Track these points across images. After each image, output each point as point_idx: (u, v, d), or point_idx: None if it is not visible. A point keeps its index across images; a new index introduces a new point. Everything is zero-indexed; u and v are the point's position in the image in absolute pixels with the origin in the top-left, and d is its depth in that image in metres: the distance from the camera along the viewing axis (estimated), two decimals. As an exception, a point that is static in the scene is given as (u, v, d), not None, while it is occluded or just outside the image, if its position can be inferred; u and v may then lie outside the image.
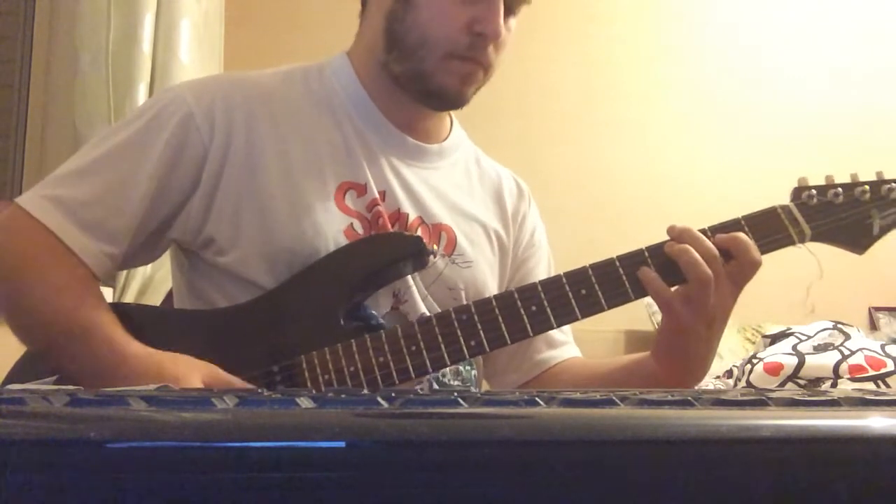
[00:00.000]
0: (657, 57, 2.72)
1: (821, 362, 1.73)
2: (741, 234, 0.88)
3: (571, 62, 2.64)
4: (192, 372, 0.82)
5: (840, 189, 0.92)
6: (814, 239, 0.91)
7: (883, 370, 1.68)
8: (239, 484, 0.33)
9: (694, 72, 2.72)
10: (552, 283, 0.89)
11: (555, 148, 2.57)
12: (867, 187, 0.92)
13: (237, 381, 0.84)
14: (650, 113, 2.68)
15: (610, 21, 2.71)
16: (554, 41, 2.65)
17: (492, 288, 1.06)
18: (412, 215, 1.00)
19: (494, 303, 0.88)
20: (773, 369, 1.77)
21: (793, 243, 0.91)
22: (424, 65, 0.96)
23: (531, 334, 0.88)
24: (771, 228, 0.90)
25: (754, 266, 0.87)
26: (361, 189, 0.98)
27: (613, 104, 2.67)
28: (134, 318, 0.93)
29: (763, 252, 0.89)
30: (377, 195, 0.98)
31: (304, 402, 0.36)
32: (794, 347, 1.83)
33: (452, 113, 1.11)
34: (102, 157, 0.93)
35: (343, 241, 0.94)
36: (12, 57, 2.24)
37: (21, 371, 0.96)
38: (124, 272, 1.96)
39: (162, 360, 0.83)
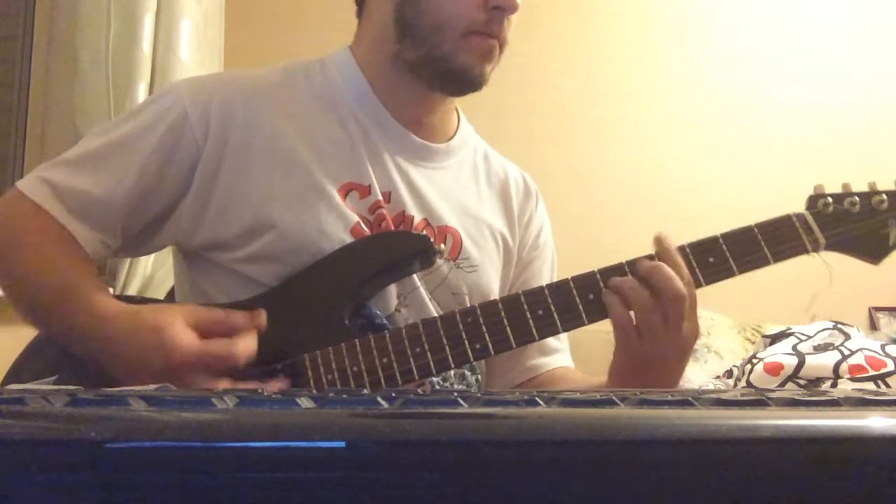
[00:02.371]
0: (657, 56, 2.72)
1: (821, 362, 1.73)
2: (656, 264, 0.83)
3: (571, 61, 2.65)
4: (174, 316, 0.81)
5: (857, 198, 0.90)
6: (828, 248, 0.89)
7: (883, 370, 1.68)
8: (239, 484, 0.33)
9: (695, 71, 2.72)
10: (560, 288, 0.87)
11: (555, 148, 2.57)
12: (885, 196, 0.90)
13: (219, 314, 0.84)
14: (650, 112, 2.68)
15: (610, 20, 2.71)
16: (554, 40, 2.65)
17: (496, 292, 1.04)
18: (417, 217, 0.99)
19: (500, 306, 0.87)
20: (773, 369, 1.77)
21: (806, 252, 0.89)
22: (443, 47, 0.95)
23: (537, 338, 0.87)
24: (784, 236, 0.88)
25: (676, 299, 0.81)
26: (365, 190, 0.97)
27: (613, 104, 2.67)
28: None
29: (776, 261, 0.87)
30: (381, 197, 0.97)
31: (304, 402, 0.36)
32: (794, 347, 1.83)
33: (458, 108, 1.10)
34: (99, 149, 0.95)
35: (348, 241, 0.93)
36: (12, 57, 2.24)
37: (21, 369, 0.96)
38: (125, 271, 1.97)
39: (139, 309, 0.83)
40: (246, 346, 0.82)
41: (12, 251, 0.92)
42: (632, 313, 0.84)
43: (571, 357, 1.13)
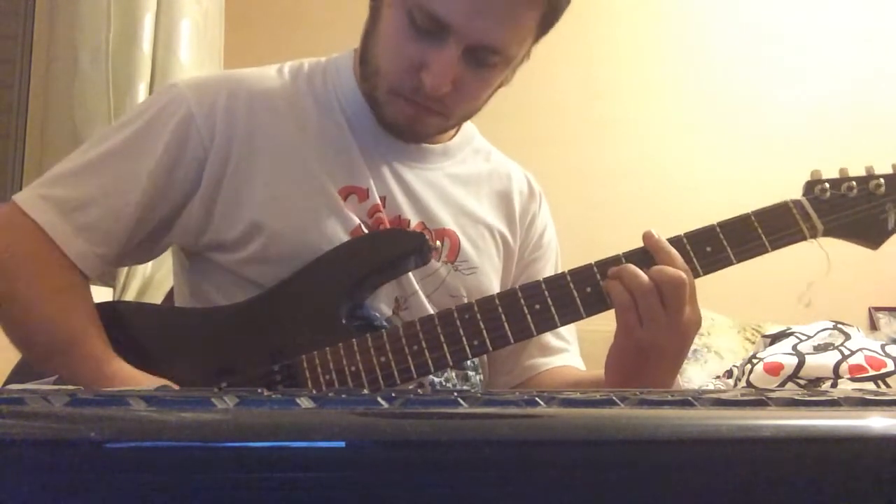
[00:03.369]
0: (657, 56, 2.72)
1: (821, 362, 1.73)
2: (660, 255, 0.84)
3: (571, 61, 2.65)
4: None
5: (854, 182, 0.89)
6: (826, 234, 0.89)
7: (883, 370, 1.68)
8: (239, 484, 0.33)
9: (694, 71, 2.72)
10: (556, 281, 0.87)
11: (555, 148, 2.57)
12: (882, 181, 0.89)
13: None
14: (650, 112, 2.69)
15: (610, 20, 2.71)
16: (554, 40, 2.65)
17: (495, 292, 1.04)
18: (413, 221, 0.99)
19: (498, 301, 0.86)
20: (773, 369, 1.77)
21: (804, 239, 0.88)
22: (376, 93, 0.94)
23: (535, 333, 0.87)
24: (782, 224, 0.88)
25: (674, 285, 0.81)
26: (363, 194, 0.96)
27: (613, 104, 2.67)
28: (134, 316, 0.93)
29: (773, 248, 0.87)
30: (378, 201, 0.97)
31: (304, 402, 0.36)
32: (794, 347, 1.83)
33: None
34: (101, 157, 0.93)
35: None
36: (12, 57, 2.24)
37: (21, 371, 0.96)
38: (124, 272, 1.97)
39: (140, 383, 0.83)
40: None
41: (7, 280, 0.89)
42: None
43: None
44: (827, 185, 0.90)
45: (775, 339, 1.95)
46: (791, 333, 1.92)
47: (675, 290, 0.81)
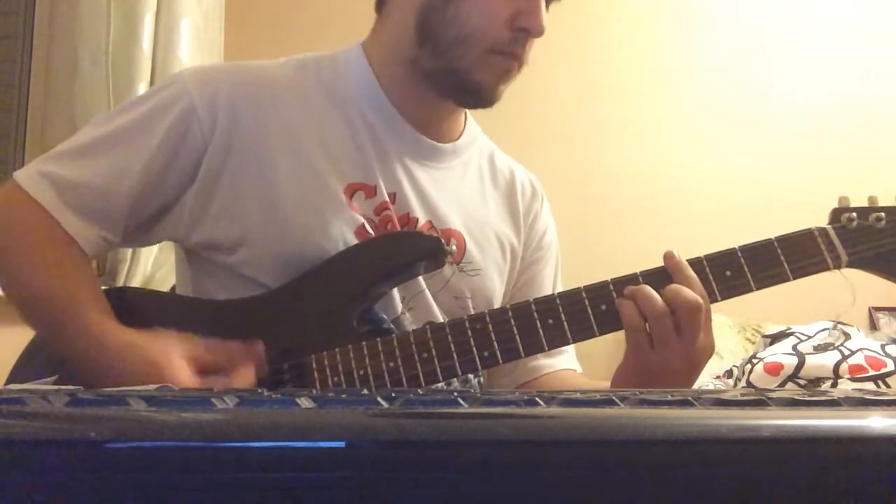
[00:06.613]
0: (657, 56, 2.72)
1: (821, 362, 1.73)
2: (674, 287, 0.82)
3: (571, 61, 2.65)
4: (170, 351, 0.80)
5: (883, 213, 0.85)
6: (850, 265, 0.86)
7: (883, 370, 1.68)
8: (239, 484, 0.33)
9: (694, 72, 2.72)
10: (571, 297, 0.86)
11: (555, 148, 2.57)
12: None
13: (215, 348, 0.83)
14: (650, 113, 2.68)
15: (610, 20, 2.71)
16: (554, 40, 2.65)
17: (499, 295, 1.03)
18: (422, 219, 0.98)
19: (511, 313, 0.85)
20: (773, 369, 1.77)
21: (827, 269, 0.85)
22: (462, 61, 0.94)
23: (546, 349, 0.85)
24: (805, 252, 0.85)
25: (690, 311, 0.80)
26: (371, 191, 0.96)
27: (613, 104, 2.67)
28: (143, 303, 0.93)
29: (795, 277, 0.84)
30: (387, 198, 0.96)
31: (304, 402, 0.36)
32: (794, 347, 1.83)
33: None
34: (101, 139, 0.92)
35: (353, 243, 0.92)
36: (12, 57, 2.23)
37: (20, 370, 0.96)
38: (124, 272, 1.97)
39: (137, 342, 0.82)
40: (244, 380, 0.81)
41: (9, 257, 0.89)
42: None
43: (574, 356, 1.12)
44: (854, 213, 0.86)
45: (775, 339, 1.95)
46: (791, 333, 1.91)
47: (690, 313, 0.80)
